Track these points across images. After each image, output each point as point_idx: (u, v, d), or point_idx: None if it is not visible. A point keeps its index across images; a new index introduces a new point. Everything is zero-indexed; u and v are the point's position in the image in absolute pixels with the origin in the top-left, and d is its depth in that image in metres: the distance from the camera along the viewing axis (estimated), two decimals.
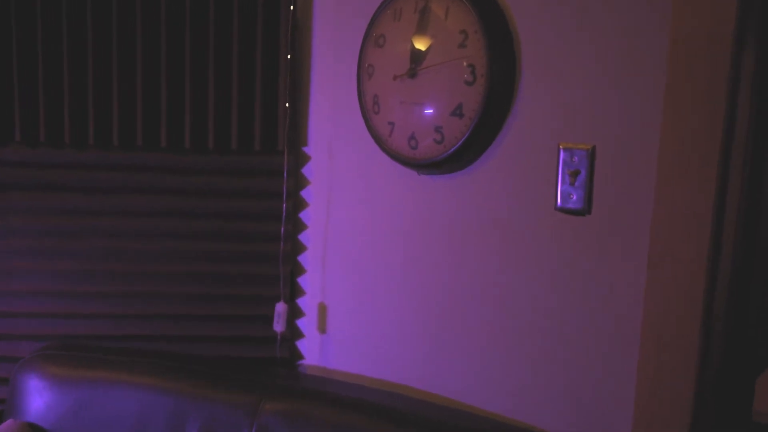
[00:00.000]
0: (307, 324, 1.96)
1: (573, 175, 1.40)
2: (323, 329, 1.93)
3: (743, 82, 1.23)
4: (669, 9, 1.27)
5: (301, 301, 1.97)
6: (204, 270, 1.92)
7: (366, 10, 1.71)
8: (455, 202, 1.63)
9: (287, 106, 1.84)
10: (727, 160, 1.25)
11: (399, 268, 1.75)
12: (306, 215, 1.95)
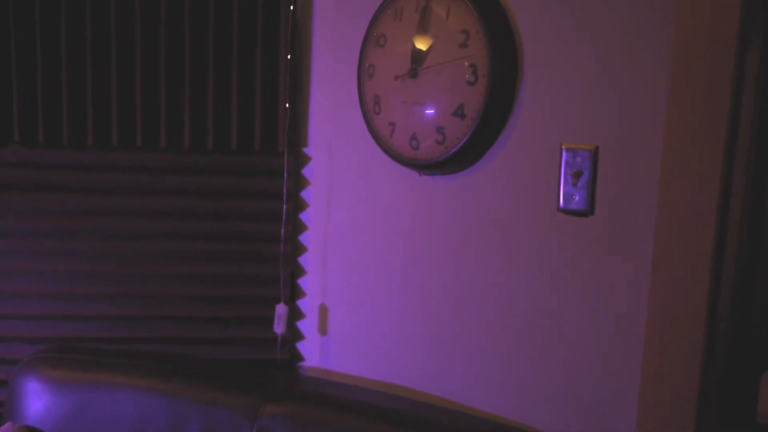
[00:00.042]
0: (308, 325, 1.96)
1: (576, 176, 1.40)
2: (324, 331, 1.92)
3: (747, 81, 1.23)
4: (669, 9, 1.28)
5: (302, 303, 1.96)
6: (204, 271, 1.91)
7: (366, 9, 1.71)
8: (456, 202, 1.62)
9: (287, 106, 1.83)
10: (731, 160, 1.25)
11: (399, 268, 1.74)
12: (306, 216, 1.94)
